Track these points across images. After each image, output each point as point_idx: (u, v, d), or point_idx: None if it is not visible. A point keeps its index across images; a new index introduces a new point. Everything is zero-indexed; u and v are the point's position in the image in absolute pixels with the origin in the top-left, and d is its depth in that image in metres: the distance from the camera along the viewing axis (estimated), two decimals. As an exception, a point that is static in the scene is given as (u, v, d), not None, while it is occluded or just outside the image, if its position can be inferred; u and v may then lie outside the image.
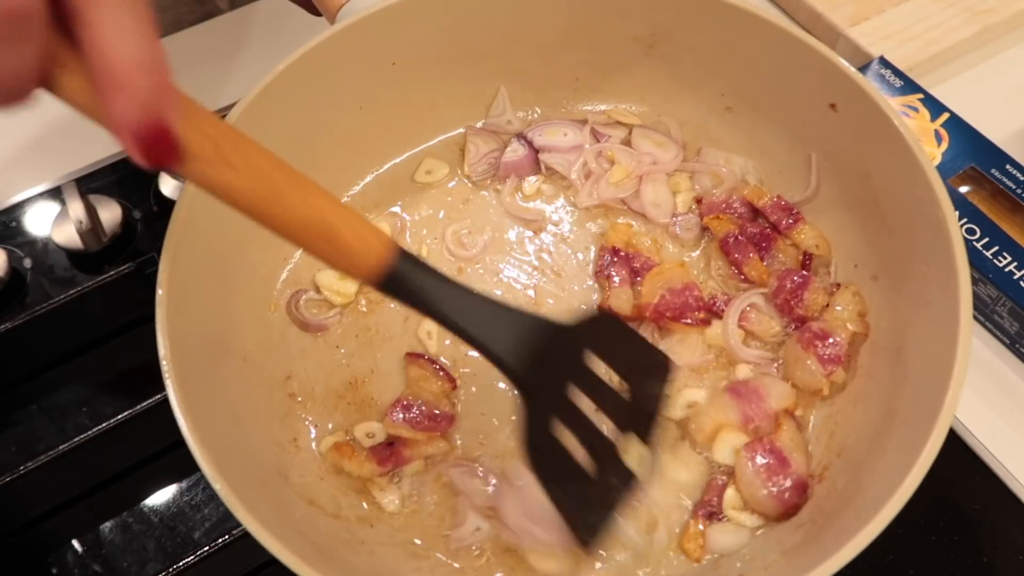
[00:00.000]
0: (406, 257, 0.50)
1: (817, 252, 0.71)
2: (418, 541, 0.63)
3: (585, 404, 0.56)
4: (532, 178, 0.79)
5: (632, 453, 0.57)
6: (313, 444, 0.67)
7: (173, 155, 0.41)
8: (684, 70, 0.77)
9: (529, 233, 0.77)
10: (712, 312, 0.70)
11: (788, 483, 0.61)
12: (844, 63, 0.66)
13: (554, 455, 0.55)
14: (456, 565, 0.62)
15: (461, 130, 0.81)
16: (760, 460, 0.62)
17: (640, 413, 0.58)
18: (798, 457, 0.62)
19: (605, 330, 0.59)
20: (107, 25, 0.37)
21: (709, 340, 0.69)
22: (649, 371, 0.59)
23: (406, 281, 0.50)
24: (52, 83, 0.40)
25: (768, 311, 0.70)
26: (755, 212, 0.74)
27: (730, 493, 0.63)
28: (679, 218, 0.76)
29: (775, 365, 0.68)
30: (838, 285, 0.70)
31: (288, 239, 0.47)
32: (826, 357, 0.65)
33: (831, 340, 0.66)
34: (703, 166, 0.77)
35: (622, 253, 0.72)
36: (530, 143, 0.79)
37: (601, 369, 0.57)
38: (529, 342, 0.52)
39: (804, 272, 0.70)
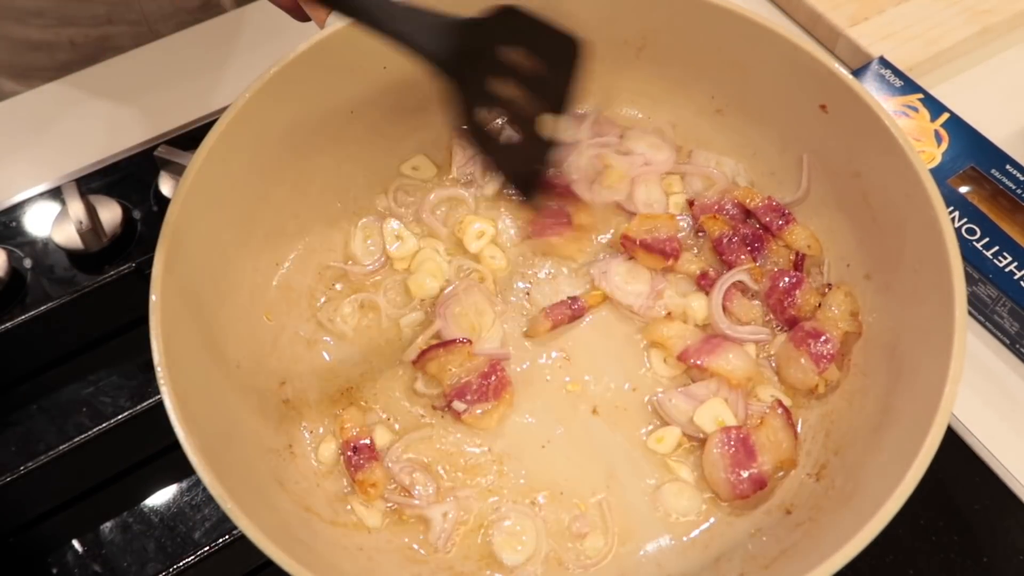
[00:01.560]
0: None
1: (809, 252, 0.71)
2: (416, 546, 0.63)
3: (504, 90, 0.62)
4: None
5: (552, 123, 0.64)
6: (309, 450, 0.66)
7: None
8: (674, 73, 0.77)
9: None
10: (702, 286, 0.72)
11: (746, 476, 0.62)
12: (833, 64, 0.67)
13: (486, 130, 0.63)
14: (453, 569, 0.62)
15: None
16: (729, 447, 0.63)
17: (556, 89, 0.64)
18: (768, 457, 0.63)
19: (516, 21, 0.63)
20: None
21: (696, 315, 0.71)
22: (561, 52, 0.64)
23: None
24: None
25: (752, 288, 0.71)
26: (747, 213, 0.75)
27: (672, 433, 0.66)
28: None
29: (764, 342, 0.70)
30: (830, 285, 0.70)
31: None
32: (819, 355, 0.66)
33: (823, 338, 0.66)
34: (695, 168, 0.78)
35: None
36: None
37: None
38: (450, 37, 0.59)
39: (796, 272, 0.70)
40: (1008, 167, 0.80)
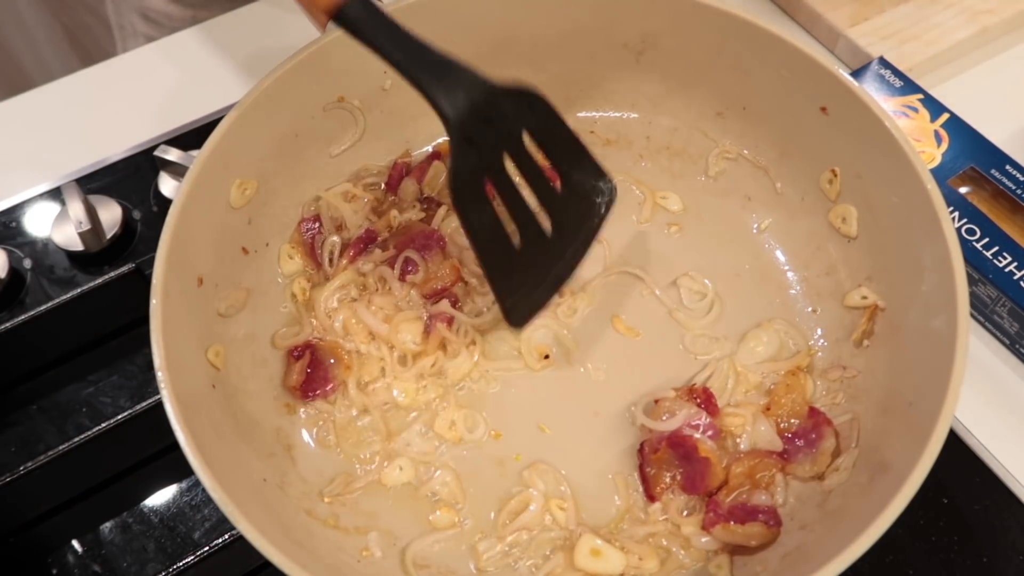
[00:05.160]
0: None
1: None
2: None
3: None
4: None
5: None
6: (310, 452, 0.66)
7: None
8: (674, 76, 0.76)
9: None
10: None
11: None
12: (834, 66, 0.66)
13: (483, 212, 0.58)
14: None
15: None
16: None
17: (573, 215, 0.61)
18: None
19: (544, 114, 0.59)
20: None
21: None
22: (587, 178, 0.61)
23: (355, 19, 0.55)
24: None
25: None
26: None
27: None
28: None
29: None
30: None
31: None
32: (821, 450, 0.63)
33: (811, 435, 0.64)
34: None
35: None
36: None
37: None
38: (468, 94, 0.55)
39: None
40: (1008, 167, 0.80)
